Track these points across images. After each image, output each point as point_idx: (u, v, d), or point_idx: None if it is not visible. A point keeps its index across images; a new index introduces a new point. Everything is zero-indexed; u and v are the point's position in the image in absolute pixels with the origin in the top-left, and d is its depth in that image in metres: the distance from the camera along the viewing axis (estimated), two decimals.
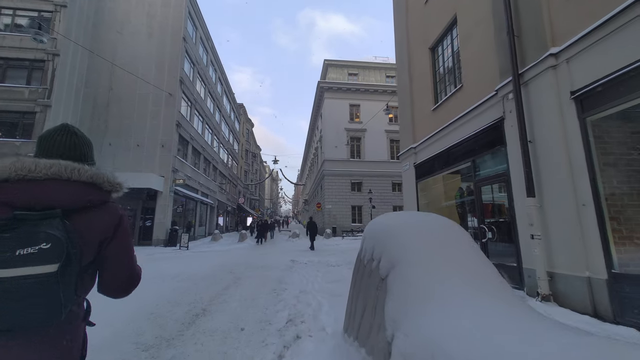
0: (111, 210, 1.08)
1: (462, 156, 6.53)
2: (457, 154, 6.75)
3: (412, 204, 8.90)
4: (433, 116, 7.99)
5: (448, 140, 7.11)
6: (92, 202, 1.03)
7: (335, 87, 27.98)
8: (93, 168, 1.07)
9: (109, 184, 1.10)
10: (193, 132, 19.44)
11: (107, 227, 1.04)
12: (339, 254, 12.83)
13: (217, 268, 8.20)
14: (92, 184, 1.05)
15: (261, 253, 12.90)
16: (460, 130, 6.56)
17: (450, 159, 7.07)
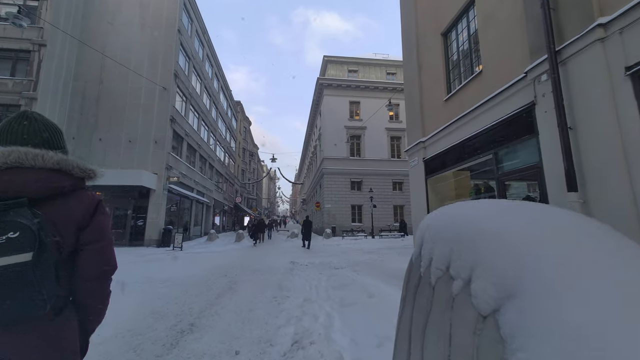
0: (85, 197, 1.06)
1: (480, 149, 5.94)
2: (474, 147, 6.15)
3: (421, 203, 8.31)
4: (445, 107, 7.40)
5: (463, 132, 6.52)
6: (62, 189, 1.00)
7: (335, 84, 27.39)
8: (59, 154, 1.02)
9: (79, 170, 1.07)
10: (188, 128, 18.74)
11: (82, 214, 1.02)
12: (340, 255, 12.22)
13: (211, 271, 7.55)
14: (60, 171, 1.01)
15: (259, 254, 12.25)
16: (479, 121, 5.97)
17: (465, 152, 6.48)
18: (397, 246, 16.14)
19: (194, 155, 20.61)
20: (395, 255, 11.51)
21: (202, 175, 22.05)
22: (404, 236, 21.70)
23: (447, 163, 7.24)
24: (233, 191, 36.58)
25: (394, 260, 9.82)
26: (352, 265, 8.99)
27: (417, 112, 8.73)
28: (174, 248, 13.61)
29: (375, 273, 7.30)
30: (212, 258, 10.65)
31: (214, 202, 26.12)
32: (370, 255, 11.65)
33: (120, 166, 14.67)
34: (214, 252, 13.07)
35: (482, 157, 5.92)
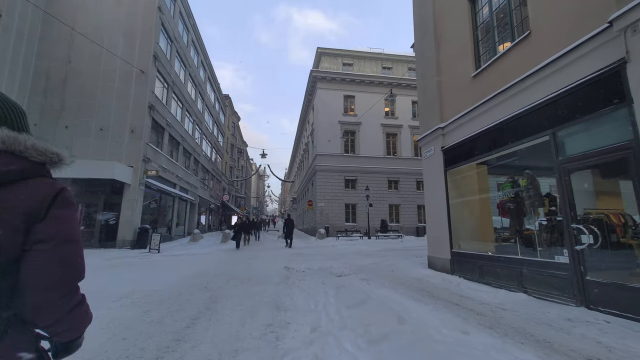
0: (42, 184, 0.88)
1: (528, 131, 4.77)
2: (517, 129, 4.99)
3: (439, 199, 7.12)
4: (473, 85, 6.23)
5: (500, 113, 5.35)
6: (8, 174, 0.82)
7: (329, 77, 26.13)
8: (5, 130, 0.84)
9: (36, 152, 0.90)
10: (170, 118, 17.07)
11: (34, 204, 0.83)
12: (339, 258, 10.94)
13: (188, 280, 6.13)
14: (6, 152, 0.84)
15: (248, 257, 10.83)
16: (526, 96, 4.80)
17: (503, 136, 5.31)
18: (397, 248, 15.01)
19: (177, 148, 18.92)
20: (402, 259, 10.34)
21: (186, 171, 20.36)
22: (401, 237, 20.64)
23: (476, 151, 6.06)
24: (220, 189, 34.82)
25: (404, 265, 8.62)
26: (356, 272, 7.73)
27: (434, 95, 7.54)
28: (150, 250, 12.02)
29: (389, 283, 6.05)
30: (192, 262, 9.17)
31: (200, 199, 24.42)
32: (373, 259, 10.44)
33: (89, 157, 12.94)
34: (196, 254, 11.56)
35: (528, 141, 4.74)
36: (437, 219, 7.21)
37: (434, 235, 7.41)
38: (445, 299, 4.72)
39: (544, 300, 4.26)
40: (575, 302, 3.84)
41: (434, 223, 7.39)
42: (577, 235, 3.85)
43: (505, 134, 5.25)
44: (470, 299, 4.67)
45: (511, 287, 4.89)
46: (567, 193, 4.00)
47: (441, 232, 7.00)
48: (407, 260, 9.80)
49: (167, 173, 16.74)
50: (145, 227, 13.33)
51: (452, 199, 6.84)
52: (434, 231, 7.38)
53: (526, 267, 4.68)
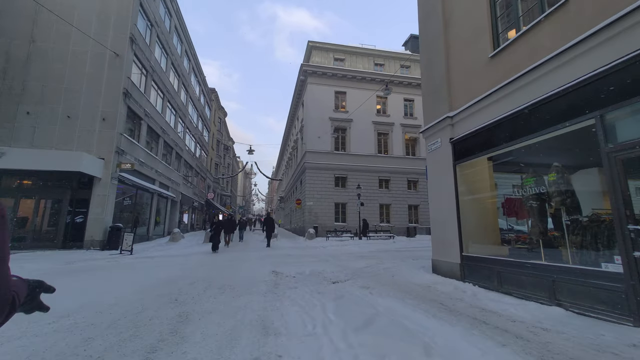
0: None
1: (566, 114, 4.06)
2: (552, 113, 4.28)
3: (447, 195, 6.39)
4: (490, 67, 5.52)
5: (527, 95, 4.64)
6: None
7: (320, 72, 25.28)
8: None
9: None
10: (149, 108, 15.77)
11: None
12: (331, 260, 10.11)
13: (157, 289, 5.13)
14: None
15: (231, 259, 9.82)
16: (563, 73, 4.10)
17: (530, 123, 4.60)
18: (390, 249, 14.33)
19: (157, 141, 17.60)
20: (399, 262, 9.61)
21: (166, 166, 19.04)
22: (393, 237, 20.04)
23: (494, 141, 5.33)
24: (205, 186, 33.38)
25: (403, 269, 7.86)
26: (353, 277, 6.91)
27: (441, 82, 6.81)
28: (121, 251, 10.81)
29: (393, 291, 5.25)
30: (167, 266, 8.11)
31: (182, 197, 23.07)
32: (368, 262, 9.66)
33: (54, 146, 11.60)
34: (174, 256, 10.45)
35: (572, 125, 4.02)
36: (444, 218, 6.47)
37: (439, 236, 6.68)
38: (466, 313, 3.95)
39: (588, 317, 3.55)
40: (633, 320, 3.14)
41: (440, 223, 6.66)
42: (635, 239, 3.15)
43: (534, 120, 4.54)
44: (496, 313, 3.92)
45: (540, 298, 4.18)
46: (621, 187, 3.29)
47: (449, 234, 6.27)
48: (405, 264, 9.06)
49: (144, 167, 15.45)
50: (117, 226, 12.08)
51: (462, 196, 6.12)
52: (440, 232, 6.65)
53: (560, 276, 3.97)
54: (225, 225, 14.60)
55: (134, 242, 10.88)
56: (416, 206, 25.39)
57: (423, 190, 25.45)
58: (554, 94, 4.16)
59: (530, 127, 4.57)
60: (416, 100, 26.90)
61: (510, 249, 5.85)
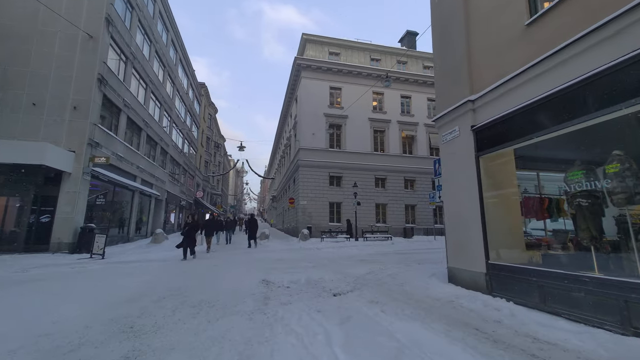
0: None
1: (636, 89, 3.14)
2: (616, 88, 3.36)
3: (467, 192, 5.44)
4: (526, 37, 4.59)
5: (582, 66, 3.72)
6: None
7: (315, 66, 24.25)
8: None
9: None
10: (129, 98, 14.48)
11: None
12: (329, 265, 9.11)
13: (111, 310, 4.03)
14: None
15: (215, 265, 8.70)
16: (632, 36, 3.18)
17: (588, 101, 3.67)
18: (390, 252, 13.41)
19: (139, 134, 16.29)
20: (403, 267, 8.68)
21: (150, 162, 17.73)
22: (390, 238, 19.15)
23: (530, 128, 4.40)
24: (194, 184, 31.98)
25: (412, 277, 6.92)
26: (357, 287, 5.92)
27: (460, 60, 5.87)
28: (92, 255, 9.59)
29: (410, 309, 4.27)
30: (139, 274, 6.96)
31: (167, 195, 21.74)
32: (370, 267, 8.70)
33: (16, 137, 10.29)
34: (151, 261, 9.27)
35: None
36: (463, 218, 5.53)
37: (457, 240, 5.73)
38: (515, 345, 2.99)
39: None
40: None
41: (458, 224, 5.72)
42: None
43: (592, 97, 3.61)
44: (556, 346, 2.97)
45: (606, 323, 3.25)
46: None
47: (470, 237, 5.33)
48: (412, 270, 8.13)
49: (124, 163, 14.16)
50: (89, 227, 10.83)
51: (487, 192, 5.17)
52: (458, 235, 5.71)
53: (636, 296, 3.04)
54: (207, 226, 12.48)
55: (111, 244, 9.69)
56: (413, 206, 24.61)
57: (420, 189, 24.68)
58: (623, 61, 3.23)
59: (587, 106, 3.64)
60: (413, 97, 26.15)
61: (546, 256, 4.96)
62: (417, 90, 26.29)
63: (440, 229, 23.94)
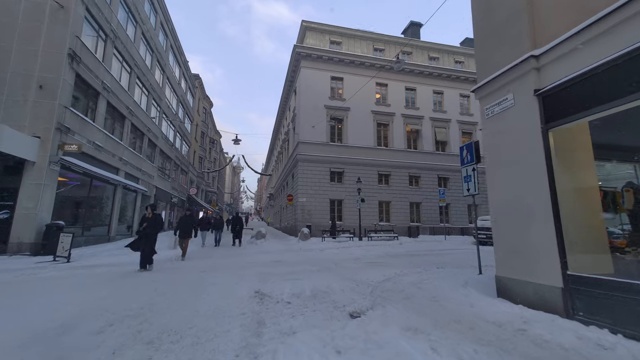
0: None
1: None
2: None
3: (533, 178, 4.08)
4: None
5: None
6: None
7: (315, 55, 22.82)
8: None
9: None
10: (110, 82, 12.98)
11: None
12: (335, 269, 7.72)
13: (20, 350, 2.64)
14: None
15: (198, 271, 7.28)
16: None
17: None
18: (401, 253, 12.04)
19: (122, 123, 14.79)
20: (422, 270, 7.36)
21: (135, 154, 16.22)
22: (397, 238, 17.80)
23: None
24: (187, 181, 30.46)
25: (441, 286, 5.56)
26: (380, 303, 4.54)
27: (519, 4, 4.49)
28: (55, 258, 8.13)
29: (477, 346, 2.88)
30: (98, 285, 5.51)
31: (157, 191, 20.24)
32: (383, 271, 7.35)
33: None
34: (123, 265, 7.80)
35: None
36: (523, 213, 4.17)
37: (511, 241, 4.37)
38: None
39: None
40: None
41: (513, 221, 4.35)
42: None
43: None
44: None
45: None
46: None
47: (533, 237, 3.97)
48: (436, 275, 6.78)
49: (103, 153, 12.66)
50: (57, 225, 9.35)
51: (561, 178, 3.80)
52: (513, 235, 4.34)
53: None
54: (182, 225, 9.53)
55: (89, 245, 8.28)
56: (418, 204, 23.32)
57: (426, 186, 23.39)
58: None
59: None
60: (418, 90, 24.82)
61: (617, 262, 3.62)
62: (423, 82, 24.97)
63: (447, 228, 22.67)
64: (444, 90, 25.41)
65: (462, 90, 25.71)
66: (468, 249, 14.06)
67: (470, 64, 27.40)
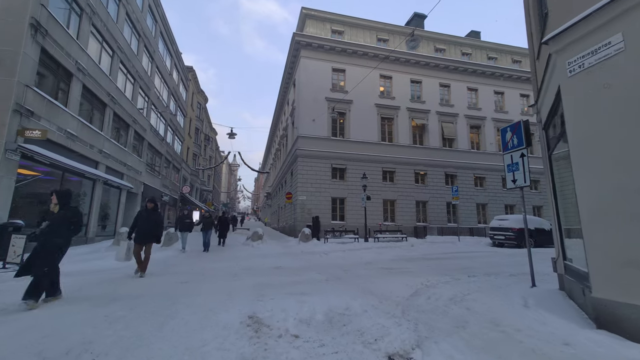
0: None
1: None
2: None
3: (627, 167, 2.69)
4: None
5: None
6: None
7: (316, 44, 21.43)
8: None
9: None
10: (86, 62, 11.47)
11: None
12: (348, 278, 6.30)
13: None
14: None
15: (177, 283, 5.84)
16: None
17: None
18: (415, 256, 10.67)
19: (102, 111, 13.27)
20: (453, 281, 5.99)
21: (119, 146, 14.71)
22: (406, 239, 16.44)
23: None
24: (179, 178, 28.91)
25: (493, 302, 4.21)
26: (425, 334, 3.13)
27: None
28: (5, 265, 6.64)
29: None
30: (28, 313, 4.08)
31: (145, 188, 18.71)
32: (406, 280, 5.99)
33: None
34: (90, 275, 6.35)
35: None
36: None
37: (628, 251, 2.97)
38: None
39: None
40: None
41: (631, 221, 2.96)
42: None
43: None
44: None
45: None
46: None
47: None
48: (475, 287, 5.41)
49: (78, 143, 11.16)
50: (15, 224, 7.85)
51: None
52: (623, 240, 2.96)
53: None
54: (140, 225, 6.44)
55: None
56: (424, 202, 21.99)
57: (432, 184, 22.06)
58: None
59: None
60: (424, 82, 23.51)
61: None
62: (429, 75, 23.66)
63: (454, 229, 21.35)
64: (450, 83, 24.12)
65: (470, 83, 24.45)
66: (487, 251, 12.75)
67: (477, 56, 26.16)
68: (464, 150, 23.36)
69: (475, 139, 24.25)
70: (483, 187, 23.34)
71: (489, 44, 26.47)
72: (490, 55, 26.31)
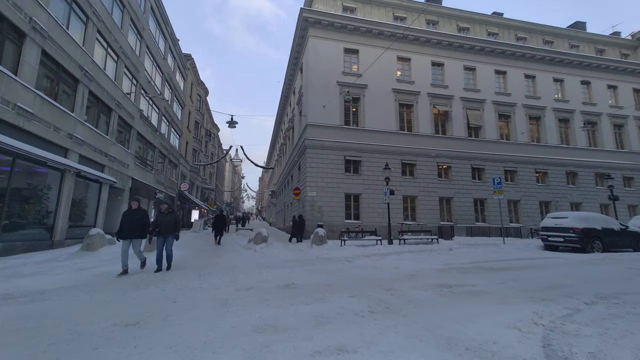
0: None
1: None
2: None
3: None
4: None
5: None
6: None
7: (326, 22, 19.05)
8: None
9: None
10: (47, 23, 9.21)
11: None
12: (399, 308, 3.76)
13: None
14: None
15: (125, 325, 3.48)
16: None
17: None
18: (466, 265, 8.15)
19: (74, 88, 11.01)
20: (567, 308, 3.50)
21: (98, 133, 12.45)
22: (437, 240, 13.95)
23: None
24: (177, 175, 26.71)
25: None
26: None
27: None
28: None
29: None
30: None
31: (133, 183, 16.46)
32: (497, 311, 3.47)
33: None
34: (37, 295, 4.05)
35: None
36: None
37: None
38: None
39: None
40: None
41: None
42: None
43: None
44: None
45: None
46: None
47: None
48: (631, 328, 2.93)
49: (36, 123, 8.89)
50: None
51: None
52: None
53: None
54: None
55: (15, 254, 4.54)
56: (449, 199, 19.47)
57: (457, 178, 19.52)
58: None
59: None
60: (447, 65, 20.98)
61: None
62: (451, 57, 21.14)
63: (484, 229, 18.79)
64: (476, 65, 21.55)
65: (498, 66, 21.87)
66: (549, 257, 10.13)
67: (505, 36, 23.53)
68: (492, 140, 20.78)
69: (504, 128, 21.64)
70: (514, 181, 20.72)
71: (518, 22, 23.80)
72: (520, 35, 23.64)
